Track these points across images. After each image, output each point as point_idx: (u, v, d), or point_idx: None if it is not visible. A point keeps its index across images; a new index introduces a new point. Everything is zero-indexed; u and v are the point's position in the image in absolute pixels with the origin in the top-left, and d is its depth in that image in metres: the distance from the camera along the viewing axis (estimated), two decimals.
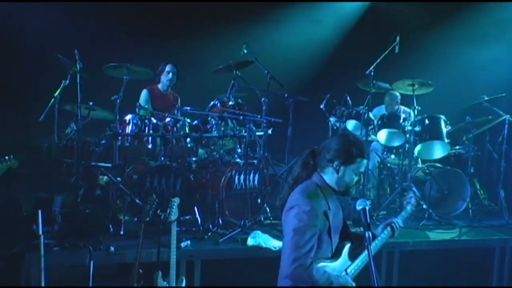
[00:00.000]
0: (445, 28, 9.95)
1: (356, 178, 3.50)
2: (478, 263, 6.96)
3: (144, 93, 7.49)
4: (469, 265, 6.93)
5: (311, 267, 3.26)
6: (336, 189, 3.49)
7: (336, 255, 3.46)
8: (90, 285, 5.03)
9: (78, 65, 6.15)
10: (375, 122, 7.76)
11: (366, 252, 3.42)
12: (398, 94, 8.41)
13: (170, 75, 7.47)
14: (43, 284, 4.76)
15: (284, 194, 3.56)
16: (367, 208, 3.33)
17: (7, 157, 4.72)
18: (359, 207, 3.34)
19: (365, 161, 3.51)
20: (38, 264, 4.78)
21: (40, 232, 4.84)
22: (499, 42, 9.89)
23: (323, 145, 3.53)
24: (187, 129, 6.80)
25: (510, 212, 7.90)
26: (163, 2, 8.78)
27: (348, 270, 3.49)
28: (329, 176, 3.47)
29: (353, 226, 4.68)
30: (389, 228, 3.83)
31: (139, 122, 6.70)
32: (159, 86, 7.58)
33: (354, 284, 3.44)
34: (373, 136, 7.84)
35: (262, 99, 7.11)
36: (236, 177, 6.74)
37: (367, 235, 3.24)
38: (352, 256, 3.55)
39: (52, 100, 6.41)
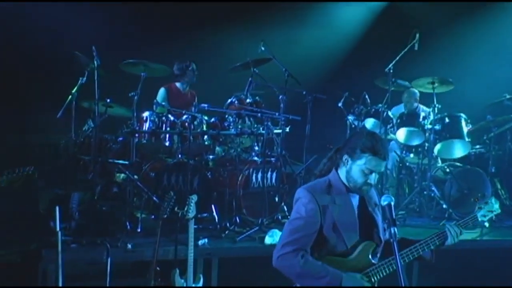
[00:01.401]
0: (466, 25, 9.85)
1: (364, 179, 3.33)
2: (499, 263, 6.87)
3: (161, 92, 7.49)
4: (490, 265, 6.85)
5: (299, 256, 3.20)
6: (348, 185, 3.41)
7: (351, 252, 3.40)
8: (108, 283, 5.02)
9: (95, 62, 6.18)
10: (394, 120, 7.70)
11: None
12: (416, 91, 8.34)
13: (193, 73, 7.45)
14: (60, 281, 4.77)
15: None
16: (392, 203, 3.27)
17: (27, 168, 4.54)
18: (384, 202, 3.28)
19: (375, 159, 3.31)
20: (55, 261, 4.83)
21: (58, 229, 4.88)
22: None
23: (342, 144, 3.50)
24: (204, 126, 6.82)
25: None
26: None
27: (370, 272, 3.41)
28: (342, 172, 3.42)
29: None
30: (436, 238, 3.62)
31: (156, 119, 6.72)
32: (178, 84, 7.56)
33: (365, 284, 3.36)
34: (392, 135, 7.78)
35: (280, 96, 7.08)
36: (254, 175, 6.74)
37: (392, 230, 3.18)
38: (379, 258, 3.47)
39: (70, 97, 6.45)
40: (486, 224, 4.05)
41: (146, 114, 6.73)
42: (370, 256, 3.41)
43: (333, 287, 3.22)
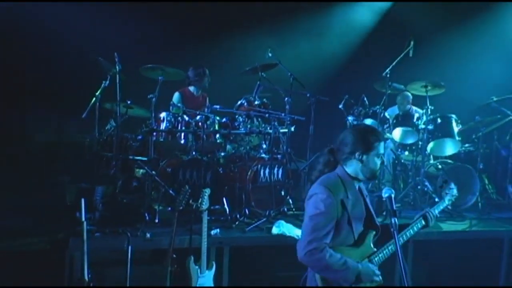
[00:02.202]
0: (456, 33, 9.84)
1: (380, 161, 3.43)
2: (487, 252, 6.87)
3: (176, 95, 7.48)
4: (479, 255, 6.84)
5: (324, 250, 3.19)
6: (362, 178, 3.43)
7: (358, 242, 3.41)
8: (128, 268, 5.02)
9: (117, 67, 6.18)
10: (390, 121, 7.70)
11: (393, 240, 3.37)
12: (409, 94, 8.34)
13: (206, 79, 7.47)
14: (85, 267, 4.80)
15: (308, 189, 3.48)
16: (392, 196, 3.28)
17: None
18: (385, 195, 3.30)
19: (382, 143, 3.44)
20: (81, 248, 4.84)
21: (83, 219, 4.90)
22: (507, 46, 9.77)
23: (339, 140, 3.45)
24: (216, 126, 6.82)
25: None
26: (195, 9, 8.78)
27: (373, 258, 3.43)
28: (353, 167, 3.41)
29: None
30: (421, 219, 3.76)
31: (172, 119, 6.73)
32: (191, 88, 7.57)
33: (376, 270, 3.38)
34: (388, 134, 7.76)
35: (286, 98, 7.09)
36: (262, 171, 6.72)
37: (393, 221, 3.19)
38: (378, 244, 3.49)
39: (94, 99, 6.44)
40: (449, 207, 4.16)
41: (163, 114, 6.74)
42: (372, 244, 3.44)
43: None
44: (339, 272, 3.22)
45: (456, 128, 7.54)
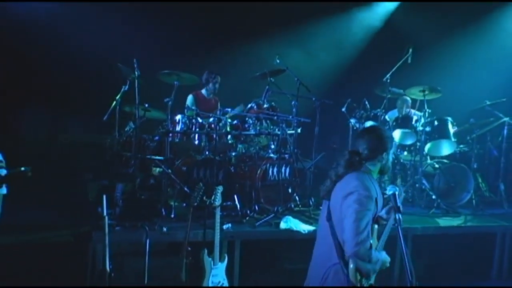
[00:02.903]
0: (452, 41, 9.83)
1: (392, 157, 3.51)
2: (481, 246, 6.87)
3: (190, 98, 7.50)
4: (473, 248, 6.85)
5: (368, 243, 3.20)
6: (380, 174, 3.50)
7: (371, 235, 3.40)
8: (146, 260, 5.02)
9: (136, 73, 6.17)
10: (390, 123, 7.66)
11: (385, 231, 3.44)
12: (408, 99, 8.29)
13: (217, 85, 7.49)
14: (107, 258, 4.79)
15: (328, 187, 3.46)
16: (396, 193, 3.27)
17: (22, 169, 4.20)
18: (389, 192, 3.28)
19: (394, 141, 3.55)
20: (103, 241, 4.84)
21: (105, 214, 4.90)
22: (499, 53, 9.73)
23: (362, 143, 3.44)
24: (228, 127, 6.81)
25: (509, 202, 7.85)
26: (209, 19, 8.78)
27: (378, 247, 3.42)
28: (376, 166, 3.44)
29: None
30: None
31: (187, 121, 6.73)
32: (203, 91, 7.58)
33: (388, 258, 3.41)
34: None
35: (293, 102, 7.05)
36: (270, 169, 6.70)
37: (397, 217, 3.18)
38: (378, 236, 3.48)
39: (114, 102, 6.45)
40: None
41: (178, 117, 6.75)
42: (376, 237, 3.43)
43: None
44: (374, 264, 3.26)
45: (452, 130, 7.52)
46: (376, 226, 3.43)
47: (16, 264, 3.92)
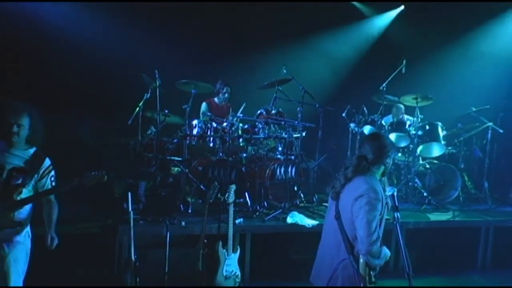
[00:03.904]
0: (442, 54, 9.82)
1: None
2: (467, 238, 6.85)
3: (204, 105, 7.49)
4: (460, 240, 6.84)
5: (379, 240, 3.21)
6: (382, 176, 3.48)
7: None
8: (167, 251, 5.03)
9: (157, 82, 6.18)
10: (386, 127, 7.65)
11: (381, 227, 3.41)
12: (402, 106, 8.27)
13: (227, 94, 7.48)
14: (132, 249, 4.81)
15: (337, 188, 3.44)
16: (395, 193, 3.27)
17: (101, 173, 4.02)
18: (389, 193, 3.28)
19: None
20: (128, 233, 4.88)
21: (130, 210, 4.92)
22: (485, 65, 9.71)
23: (369, 149, 3.42)
24: (239, 131, 6.82)
25: (493, 199, 7.81)
26: (222, 33, 8.79)
27: None
28: (380, 169, 3.43)
29: None
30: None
31: (203, 126, 6.75)
32: (215, 99, 7.56)
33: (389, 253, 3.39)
34: None
35: (298, 108, 7.02)
36: (278, 169, 6.69)
37: (395, 215, 3.18)
38: None
39: (137, 108, 6.50)
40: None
41: (195, 122, 6.77)
42: None
43: None
44: (383, 258, 3.26)
45: (441, 134, 7.52)
46: None
47: (52, 252, 3.95)
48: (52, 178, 3.88)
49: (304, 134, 7.07)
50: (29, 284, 3.88)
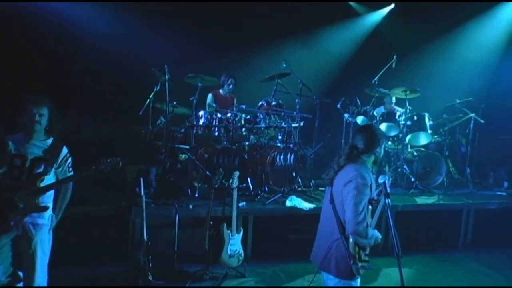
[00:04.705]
0: (429, 50, 9.77)
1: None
2: (450, 220, 6.90)
3: (209, 96, 7.47)
4: (444, 222, 6.89)
5: (365, 222, 3.23)
6: (374, 165, 3.46)
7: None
8: (176, 231, 5.04)
9: (166, 76, 6.17)
10: (378, 117, 7.63)
11: (377, 211, 3.44)
12: (393, 98, 8.23)
13: (231, 86, 7.45)
14: (144, 229, 4.83)
15: (331, 175, 3.45)
16: (386, 181, 3.26)
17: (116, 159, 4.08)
18: (381, 180, 3.27)
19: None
20: (140, 215, 4.92)
21: (142, 194, 4.95)
22: (468, 60, 9.68)
23: (360, 139, 3.40)
24: (242, 121, 6.79)
25: (474, 184, 7.81)
26: (227, 29, 8.73)
27: (370, 225, 3.42)
28: (371, 158, 3.42)
29: None
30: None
31: (208, 116, 6.73)
32: (221, 91, 7.53)
33: (379, 235, 3.40)
34: None
35: (296, 100, 7.00)
36: (278, 156, 6.67)
37: (387, 201, 3.19)
38: (371, 214, 3.49)
39: (148, 100, 6.48)
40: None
41: (201, 112, 6.75)
42: (370, 216, 3.45)
43: None
44: (370, 239, 3.29)
45: (428, 124, 7.50)
46: (370, 206, 3.43)
47: (70, 231, 3.99)
48: (70, 165, 3.96)
49: (302, 124, 7.05)
50: (54, 260, 3.92)
